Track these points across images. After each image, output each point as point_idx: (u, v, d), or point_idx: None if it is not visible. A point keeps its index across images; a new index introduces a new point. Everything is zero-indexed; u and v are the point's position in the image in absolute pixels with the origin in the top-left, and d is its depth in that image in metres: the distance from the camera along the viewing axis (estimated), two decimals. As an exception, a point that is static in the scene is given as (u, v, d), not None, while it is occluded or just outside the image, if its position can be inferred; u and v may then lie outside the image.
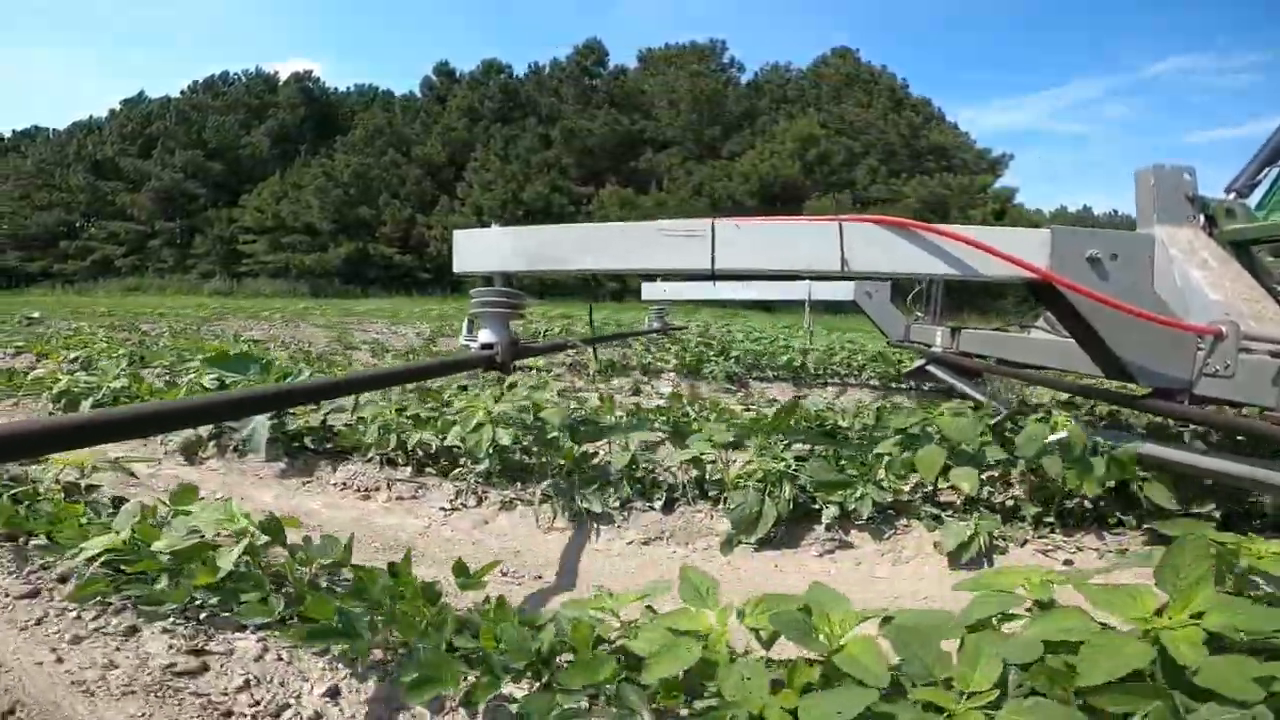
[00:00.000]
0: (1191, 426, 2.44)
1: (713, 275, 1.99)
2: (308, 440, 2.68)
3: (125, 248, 37.34)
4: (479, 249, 2.17)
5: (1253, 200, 2.67)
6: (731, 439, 2.34)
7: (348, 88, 44.16)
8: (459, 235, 2.21)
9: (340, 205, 32.20)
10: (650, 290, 6.78)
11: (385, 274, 32.00)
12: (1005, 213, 28.80)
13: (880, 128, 29.88)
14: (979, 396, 3.47)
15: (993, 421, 3.07)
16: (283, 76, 42.75)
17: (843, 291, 5.40)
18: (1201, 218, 2.24)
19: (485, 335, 2.21)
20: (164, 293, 30.76)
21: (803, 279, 5.57)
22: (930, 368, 4.51)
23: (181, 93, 41.72)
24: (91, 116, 43.19)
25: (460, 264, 2.19)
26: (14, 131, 47.40)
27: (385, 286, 31.25)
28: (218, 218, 36.12)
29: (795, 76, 35.44)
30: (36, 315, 9.63)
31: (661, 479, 2.25)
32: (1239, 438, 2.22)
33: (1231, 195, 2.48)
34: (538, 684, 1.10)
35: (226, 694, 1.13)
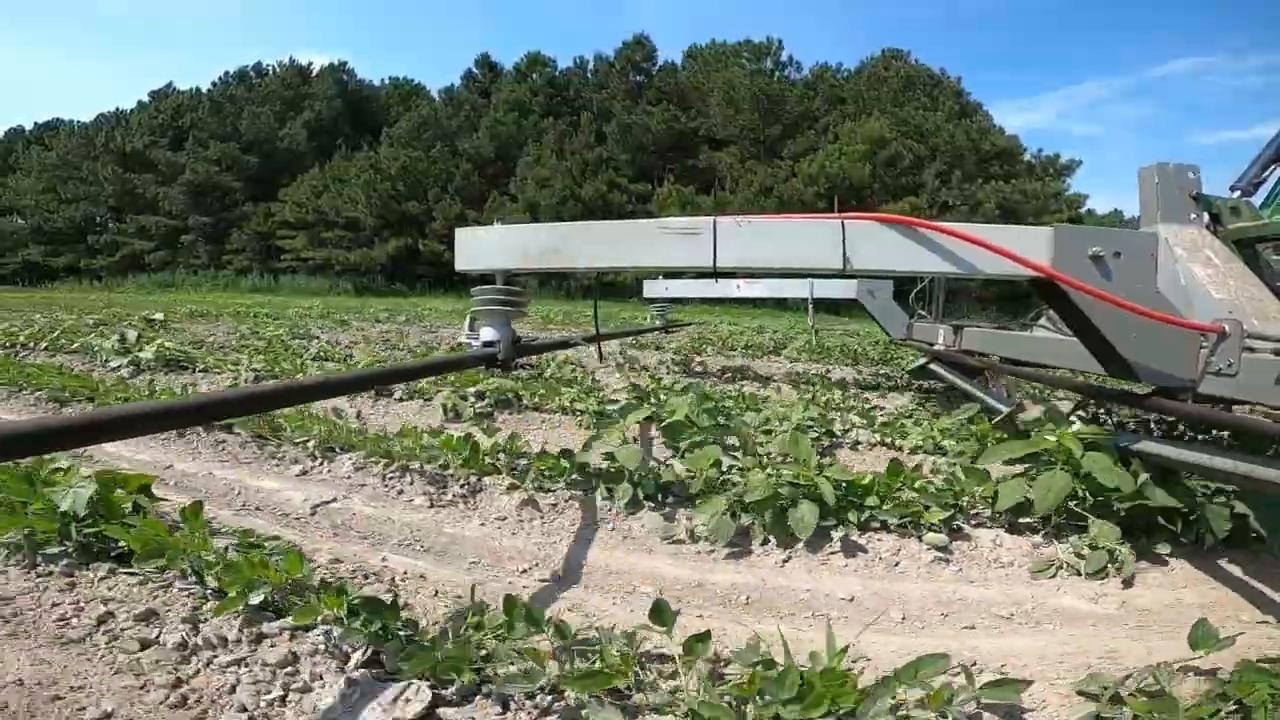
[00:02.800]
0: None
1: (714, 273, 1.98)
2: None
3: (155, 242, 36.59)
4: (480, 247, 2.17)
5: (1257, 199, 2.66)
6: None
7: (382, 80, 42.95)
8: (460, 234, 2.21)
9: (388, 200, 31.26)
10: (652, 288, 6.80)
11: (433, 271, 30.90)
12: (1080, 220, 28.13)
13: (949, 132, 29.06)
14: (981, 395, 3.47)
15: (996, 420, 3.07)
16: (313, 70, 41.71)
17: (845, 289, 5.40)
18: (1206, 216, 2.23)
19: (487, 333, 2.22)
20: (199, 289, 29.91)
21: (805, 277, 5.58)
22: (933, 366, 4.51)
23: (213, 84, 40.81)
24: (118, 109, 42.51)
25: (462, 262, 2.19)
26: (36, 124, 46.83)
27: (433, 285, 30.17)
28: (254, 212, 35.23)
29: (844, 77, 34.43)
30: (160, 317, 8.25)
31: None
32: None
33: (1236, 194, 2.47)
34: None
35: None
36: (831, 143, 29.18)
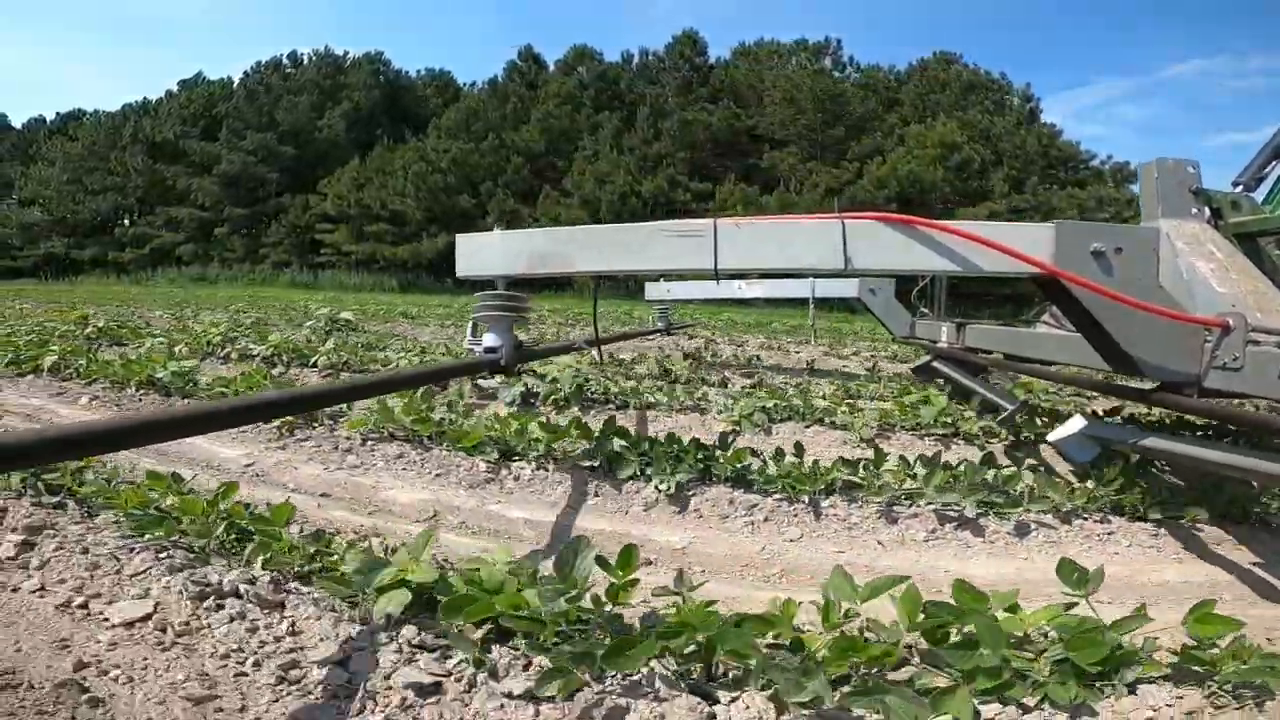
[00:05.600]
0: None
1: (715, 275, 1.98)
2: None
3: (186, 235, 35.53)
4: (482, 253, 2.18)
5: (1260, 195, 2.65)
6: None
7: (418, 71, 41.82)
8: (461, 240, 2.22)
9: (437, 193, 30.18)
10: (653, 290, 6.81)
11: (482, 268, 30.12)
12: (1153, 226, 27.49)
13: (1020, 137, 28.44)
14: (985, 392, 3.46)
15: (1000, 417, 3.07)
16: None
17: (846, 289, 5.40)
18: (1206, 211, 2.22)
19: (489, 339, 2.22)
20: (235, 283, 28.97)
21: (806, 277, 5.58)
22: (936, 364, 4.50)
23: (245, 73, 39.59)
24: (145, 98, 41.33)
25: (463, 268, 2.20)
26: (58, 114, 45.84)
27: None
28: (291, 205, 34.24)
29: (896, 79, 33.43)
30: (348, 317, 6.98)
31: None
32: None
33: (1238, 189, 2.46)
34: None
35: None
36: (898, 145, 28.40)
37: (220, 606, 1.23)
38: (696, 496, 2.18)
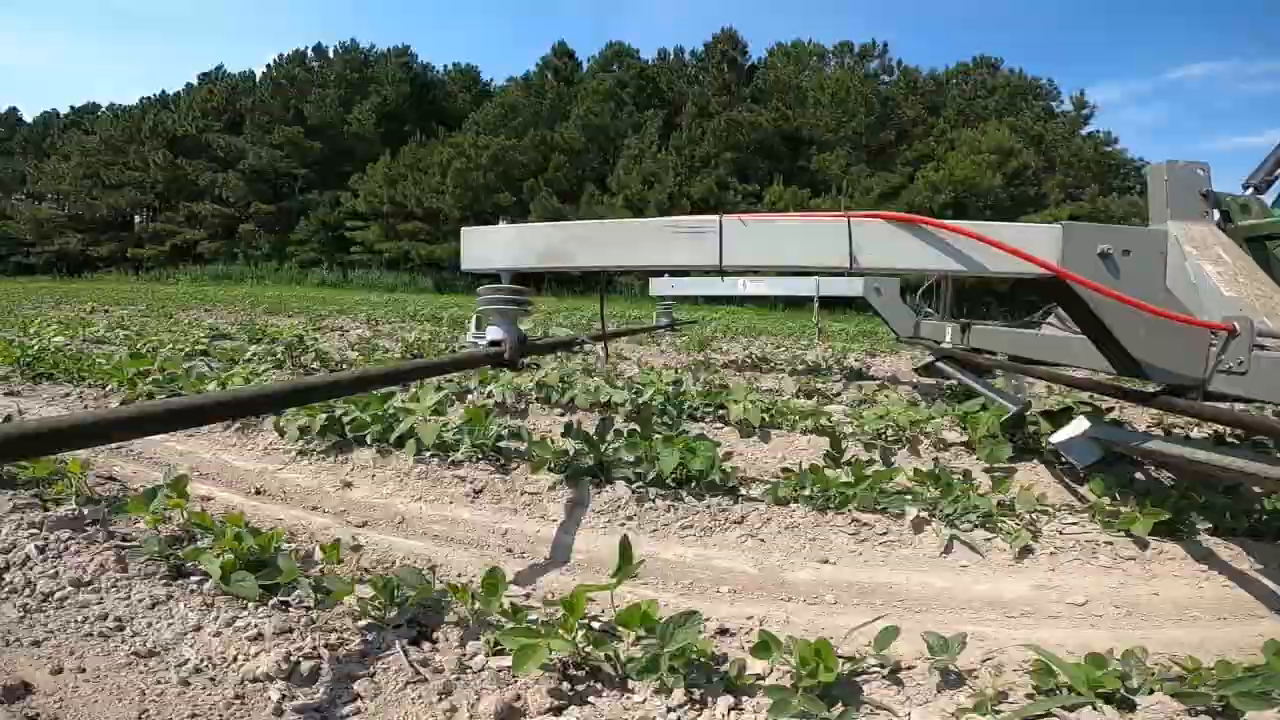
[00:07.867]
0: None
1: (721, 272, 1.98)
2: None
3: (208, 231, 34.79)
4: (487, 247, 2.18)
5: (1269, 197, 2.63)
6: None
7: (445, 66, 41.41)
8: (466, 233, 2.21)
9: (478, 190, 29.44)
10: (658, 286, 6.80)
11: (523, 267, 29.43)
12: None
13: (1076, 144, 28.33)
14: (989, 393, 3.45)
15: (1004, 418, 3.06)
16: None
17: (851, 288, 5.40)
18: (1215, 213, 2.21)
19: (493, 332, 2.22)
20: (263, 282, 28.46)
21: (811, 275, 5.58)
22: (940, 364, 4.49)
23: (269, 66, 39.04)
24: (164, 91, 40.97)
25: (468, 262, 2.19)
26: (72, 108, 45.47)
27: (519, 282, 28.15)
28: (320, 201, 33.63)
29: (937, 81, 33.07)
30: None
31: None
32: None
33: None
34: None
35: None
36: (947, 150, 28.16)
37: None
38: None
